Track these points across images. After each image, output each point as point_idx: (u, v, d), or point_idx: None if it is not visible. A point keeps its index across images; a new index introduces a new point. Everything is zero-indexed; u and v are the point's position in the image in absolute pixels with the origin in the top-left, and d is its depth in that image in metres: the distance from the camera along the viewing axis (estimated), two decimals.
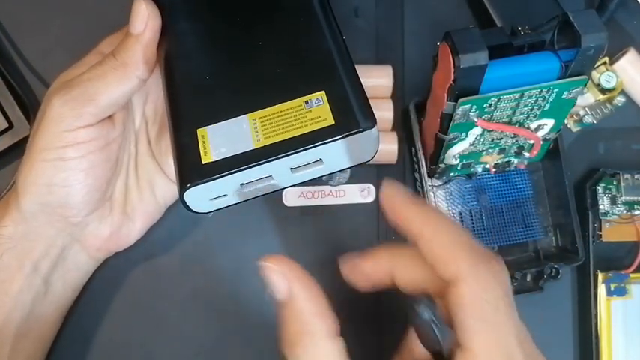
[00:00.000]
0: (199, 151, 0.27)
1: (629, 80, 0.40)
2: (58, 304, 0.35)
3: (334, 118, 0.27)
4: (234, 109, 0.28)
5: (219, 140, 0.28)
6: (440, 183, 0.39)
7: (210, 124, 0.28)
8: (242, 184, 0.28)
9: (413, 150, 0.38)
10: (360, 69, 0.32)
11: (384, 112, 0.38)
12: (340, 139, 0.27)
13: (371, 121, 0.28)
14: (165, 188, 0.36)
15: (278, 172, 0.28)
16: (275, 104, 0.28)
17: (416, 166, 0.38)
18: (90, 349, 0.37)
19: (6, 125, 0.37)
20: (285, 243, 0.39)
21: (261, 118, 0.28)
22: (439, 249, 0.26)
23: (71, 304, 0.36)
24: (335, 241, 0.39)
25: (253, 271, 0.38)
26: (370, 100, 0.31)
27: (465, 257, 0.26)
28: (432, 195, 0.38)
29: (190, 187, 0.27)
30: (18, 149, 0.38)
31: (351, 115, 0.27)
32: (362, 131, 0.27)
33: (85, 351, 0.37)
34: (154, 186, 0.36)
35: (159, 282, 0.38)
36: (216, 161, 0.27)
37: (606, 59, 0.39)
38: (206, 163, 0.27)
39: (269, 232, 0.39)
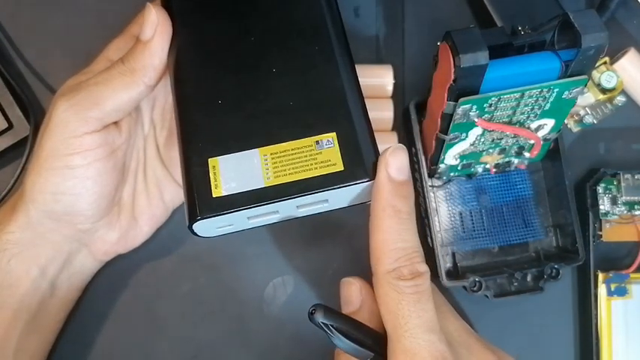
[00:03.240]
0: (210, 183, 0.28)
1: (629, 80, 0.39)
2: (63, 304, 0.35)
3: (344, 165, 0.28)
4: (246, 141, 0.29)
5: (230, 173, 0.28)
6: (440, 183, 0.38)
7: (222, 154, 0.28)
8: (249, 217, 0.29)
9: (413, 150, 0.38)
10: (360, 69, 0.32)
11: (384, 112, 0.38)
12: (348, 186, 0.28)
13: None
14: (174, 192, 0.36)
15: (285, 208, 0.29)
16: (286, 140, 0.29)
17: (416, 166, 0.38)
18: (90, 348, 0.37)
19: (5, 125, 0.37)
20: (285, 243, 0.39)
21: (272, 154, 0.28)
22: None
23: (74, 304, 0.36)
24: (335, 241, 0.39)
25: (253, 271, 0.38)
26: (370, 100, 0.31)
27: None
28: (432, 195, 0.38)
29: (200, 219, 0.28)
30: (18, 149, 0.38)
31: (360, 163, 0.28)
32: (369, 180, 0.28)
33: (85, 350, 0.37)
34: (163, 190, 0.36)
35: (159, 282, 0.38)
36: (226, 196, 0.28)
37: (607, 59, 0.39)
38: (216, 197, 0.28)
39: (269, 233, 0.39)
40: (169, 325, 0.38)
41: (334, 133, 0.29)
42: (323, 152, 0.28)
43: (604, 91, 0.39)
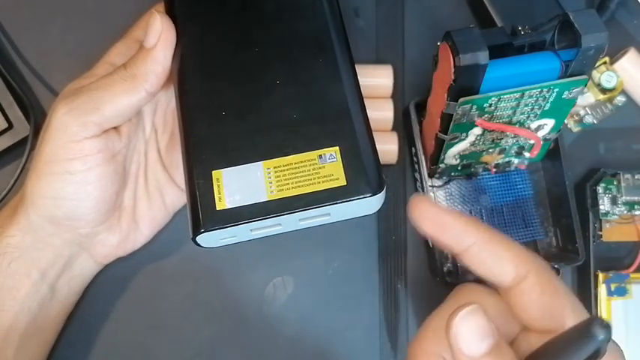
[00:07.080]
0: (214, 196, 0.28)
1: (629, 80, 0.39)
2: (63, 307, 0.35)
3: (346, 179, 0.28)
4: (250, 154, 0.29)
5: (233, 186, 0.28)
6: (440, 183, 0.38)
7: (226, 166, 0.29)
8: (252, 229, 0.29)
9: (413, 150, 0.38)
10: (360, 69, 0.32)
11: (384, 112, 0.38)
12: (351, 201, 0.28)
13: (380, 185, 0.28)
14: (175, 196, 0.36)
15: (287, 221, 0.29)
16: (290, 154, 0.29)
17: (416, 166, 0.38)
18: (91, 349, 0.37)
19: (5, 125, 0.37)
20: (285, 243, 0.39)
21: (275, 167, 0.28)
22: (505, 252, 0.28)
23: (74, 306, 0.36)
24: (335, 241, 0.39)
25: (253, 272, 0.38)
26: (370, 100, 0.31)
27: (527, 259, 0.28)
28: (432, 195, 0.38)
29: (204, 232, 0.28)
30: (18, 149, 0.38)
31: (362, 178, 0.28)
32: (371, 195, 0.28)
33: (85, 351, 0.37)
34: (164, 194, 0.36)
35: (159, 282, 0.38)
36: (230, 209, 0.28)
37: (607, 59, 0.39)
38: (220, 210, 0.28)
39: None
40: (169, 325, 0.38)
41: (337, 148, 0.29)
42: (326, 166, 0.28)
43: (604, 91, 0.39)
